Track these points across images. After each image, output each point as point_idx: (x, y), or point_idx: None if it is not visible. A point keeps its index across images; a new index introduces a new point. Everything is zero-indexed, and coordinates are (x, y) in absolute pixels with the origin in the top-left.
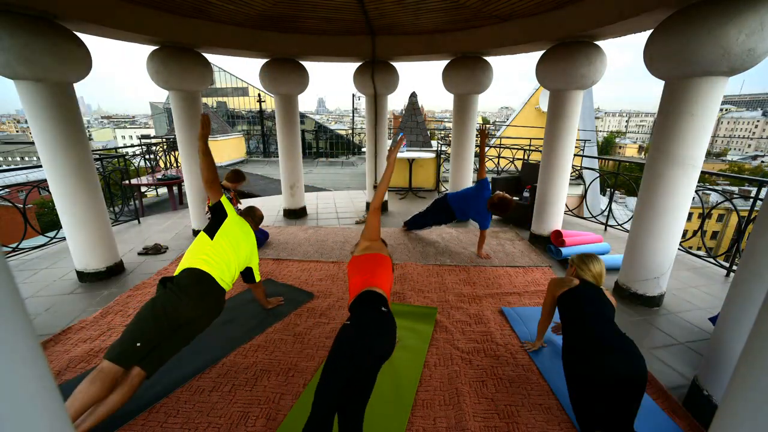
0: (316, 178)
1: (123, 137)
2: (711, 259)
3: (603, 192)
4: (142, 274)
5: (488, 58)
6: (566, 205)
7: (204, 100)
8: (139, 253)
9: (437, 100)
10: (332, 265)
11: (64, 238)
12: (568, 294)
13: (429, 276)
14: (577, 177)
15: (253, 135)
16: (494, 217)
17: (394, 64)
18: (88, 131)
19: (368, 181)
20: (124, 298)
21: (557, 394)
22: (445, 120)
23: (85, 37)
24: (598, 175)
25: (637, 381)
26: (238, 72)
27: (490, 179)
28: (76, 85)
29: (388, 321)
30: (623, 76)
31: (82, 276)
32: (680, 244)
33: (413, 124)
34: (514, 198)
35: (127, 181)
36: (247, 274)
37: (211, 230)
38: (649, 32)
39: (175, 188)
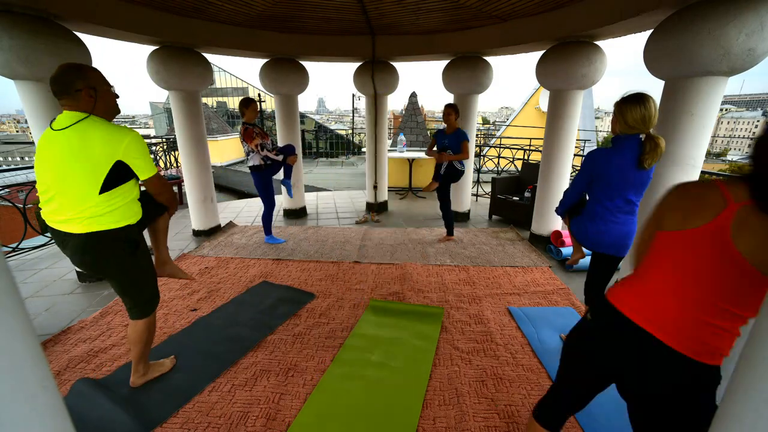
0: (316, 178)
1: None
2: None
3: None
4: None
5: (488, 58)
6: None
7: (204, 100)
8: None
9: (437, 100)
10: (332, 265)
11: None
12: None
13: (429, 276)
14: None
15: None
16: (495, 216)
17: (394, 64)
18: None
19: (368, 182)
20: None
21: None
22: None
23: (85, 37)
24: None
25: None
26: (238, 72)
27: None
28: None
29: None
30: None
31: (82, 276)
32: None
33: (413, 124)
34: (515, 198)
35: None
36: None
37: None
38: (649, 32)
39: (175, 188)
